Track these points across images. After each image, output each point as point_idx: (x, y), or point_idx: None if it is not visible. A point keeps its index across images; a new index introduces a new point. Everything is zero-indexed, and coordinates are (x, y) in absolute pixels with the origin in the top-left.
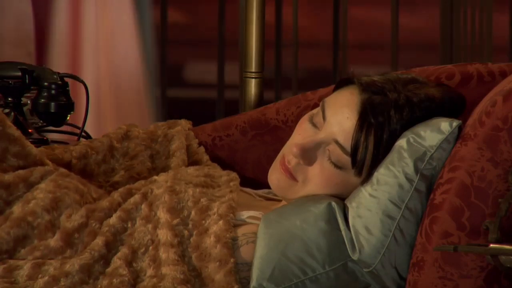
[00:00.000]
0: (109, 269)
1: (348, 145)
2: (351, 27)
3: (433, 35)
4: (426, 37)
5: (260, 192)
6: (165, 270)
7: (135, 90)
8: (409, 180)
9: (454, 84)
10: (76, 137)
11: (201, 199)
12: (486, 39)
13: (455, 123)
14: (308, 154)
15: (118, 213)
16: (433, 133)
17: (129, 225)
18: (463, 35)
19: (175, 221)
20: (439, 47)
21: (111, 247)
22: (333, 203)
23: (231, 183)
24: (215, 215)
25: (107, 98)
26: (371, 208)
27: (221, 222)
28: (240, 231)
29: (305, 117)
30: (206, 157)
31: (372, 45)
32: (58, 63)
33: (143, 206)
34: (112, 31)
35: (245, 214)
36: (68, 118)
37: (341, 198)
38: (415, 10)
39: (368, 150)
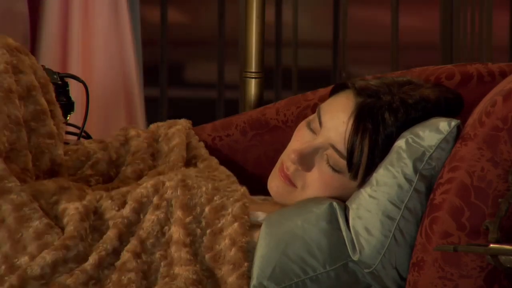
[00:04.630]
0: (118, 263)
1: (344, 149)
2: (351, 27)
3: (433, 35)
4: (426, 37)
5: (256, 198)
6: (177, 270)
7: (126, 90)
8: (408, 180)
9: (454, 84)
10: (76, 137)
11: (215, 197)
12: (486, 39)
13: (454, 122)
14: (306, 160)
15: (132, 204)
16: (432, 133)
17: (141, 216)
18: (463, 35)
19: (187, 219)
20: (439, 47)
21: (123, 239)
22: (335, 204)
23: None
24: (230, 216)
25: (99, 98)
26: (371, 209)
27: (236, 224)
28: (257, 235)
29: (303, 123)
30: (204, 151)
31: (372, 45)
32: (49, 63)
33: (154, 198)
34: (100, 31)
35: (260, 216)
36: (68, 118)
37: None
38: (415, 10)
39: (364, 153)
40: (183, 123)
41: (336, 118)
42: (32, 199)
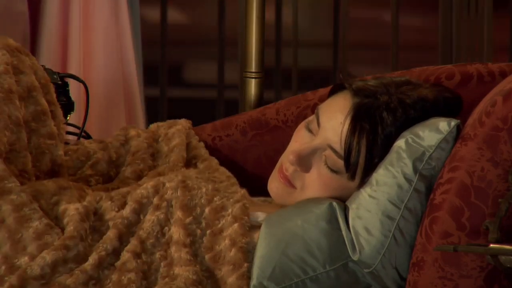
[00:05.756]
0: (118, 263)
1: (342, 150)
2: (351, 27)
3: (433, 35)
4: (426, 37)
5: (256, 200)
6: (177, 270)
7: (126, 89)
8: (408, 180)
9: (454, 84)
10: (76, 137)
11: (215, 198)
12: (486, 39)
13: (454, 122)
14: (305, 161)
15: (132, 204)
16: (432, 133)
17: (141, 217)
18: (463, 35)
19: (187, 220)
20: (439, 47)
21: (123, 240)
22: (334, 204)
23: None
24: (230, 217)
25: (99, 98)
26: (371, 209)
27: (236, 225)
28: (257, 235)
29: (302, 124)
30: (204, 151)
31: (372, 45)
32: (49, 63)
33: (154, 199)
34: (100, 31)
35: (260, 216)
36: (68, 118)
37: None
38: (415, 10)
39: (361, 153)
40: (183, 123)
41: (333, 119)
42: (32, 200)
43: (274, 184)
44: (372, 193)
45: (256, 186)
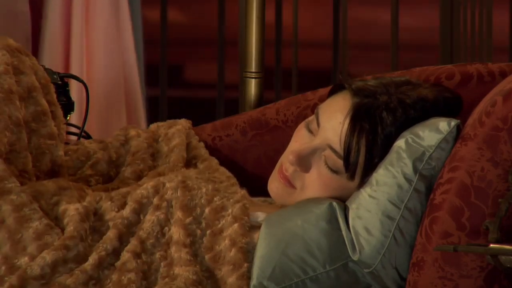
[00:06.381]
0: (118, 263)
1: (341, 150)
2: (351, 27)
3: (433, 35)
4: (426, 37)
5: (256, 200)
6: (177, 270)
7: (127, 90)
8: (408, 180)
9: (454, 84)
10: (76, 137)
11: (215, 198)
12: (486, 39)
13: (454, 122)
14: (304, 161)
15: (132, 205)
16: (432, 133)
17: (141, 217)
18: (463, 35)
19: (187, 220)
20: (439, 47)
21: (123, 240)
22: (334, 204)
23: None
24: (230, 217)
25: (100, 98)
26: (371, 209)
27: (236, 225)
28: (257, 235)
29: (302, 124)
30: (204, 151)
31: (372, 45)
32: (51, 63)
33: (154, 199)
34: (101, 31)
35: (260, 216)
36: (68, 118)
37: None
38: (415, 10)
39: (361, 153)
40: (183, 123)
41: (333, 119)
42: (32, 200)
43: (274, 184)
44: (372, 193)
45: (256, 186)
